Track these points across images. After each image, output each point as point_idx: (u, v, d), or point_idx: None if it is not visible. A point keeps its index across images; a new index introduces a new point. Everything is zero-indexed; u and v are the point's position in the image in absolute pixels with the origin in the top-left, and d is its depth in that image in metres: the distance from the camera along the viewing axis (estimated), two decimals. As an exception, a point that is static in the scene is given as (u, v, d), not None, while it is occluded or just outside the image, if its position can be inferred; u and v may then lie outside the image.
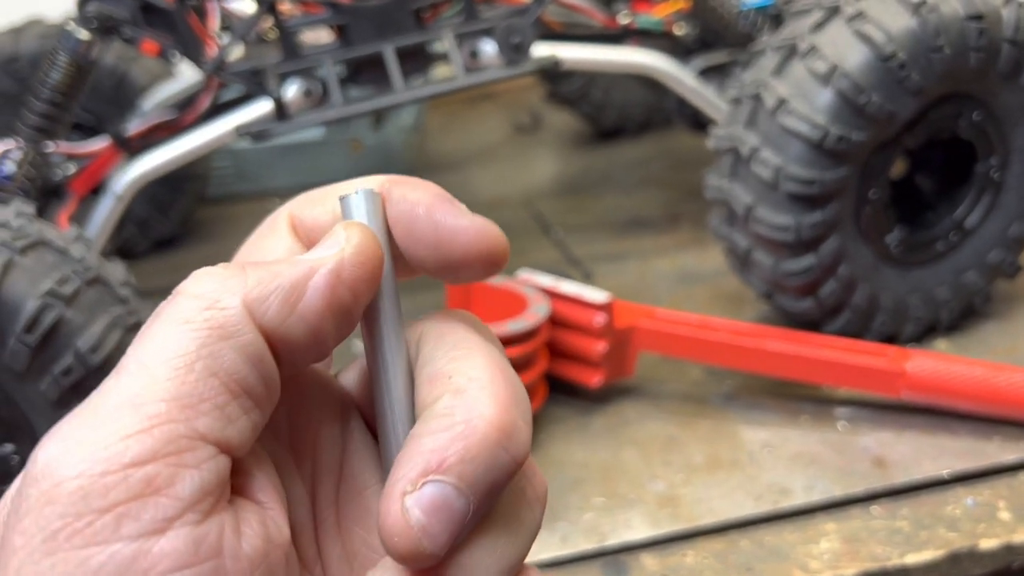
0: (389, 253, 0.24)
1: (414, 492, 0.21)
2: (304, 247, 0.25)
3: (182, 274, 0.25)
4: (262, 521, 0.22)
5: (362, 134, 1.09)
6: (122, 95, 0.93)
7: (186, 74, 0.95)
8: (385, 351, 0.24)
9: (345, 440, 0.26)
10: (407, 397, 0.24)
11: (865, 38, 0.60)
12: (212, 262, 0.27)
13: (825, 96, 0.61)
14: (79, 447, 0.20)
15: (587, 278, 0.86)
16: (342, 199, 0.24)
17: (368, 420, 0.27)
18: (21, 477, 0.21)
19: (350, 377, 0.28)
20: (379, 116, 1.11)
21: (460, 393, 0.22)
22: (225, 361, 0.21)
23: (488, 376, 0.23)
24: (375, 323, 0.24)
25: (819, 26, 0.62)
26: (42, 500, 0.20)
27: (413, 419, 0.23)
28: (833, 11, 0.62)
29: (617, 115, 1.10)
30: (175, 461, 0.20)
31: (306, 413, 0.26)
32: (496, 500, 0.22)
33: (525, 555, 0.24)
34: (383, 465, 0.25)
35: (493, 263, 0.25)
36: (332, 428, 0.26)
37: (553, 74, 1.07)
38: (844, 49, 0.61)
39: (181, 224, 1.02)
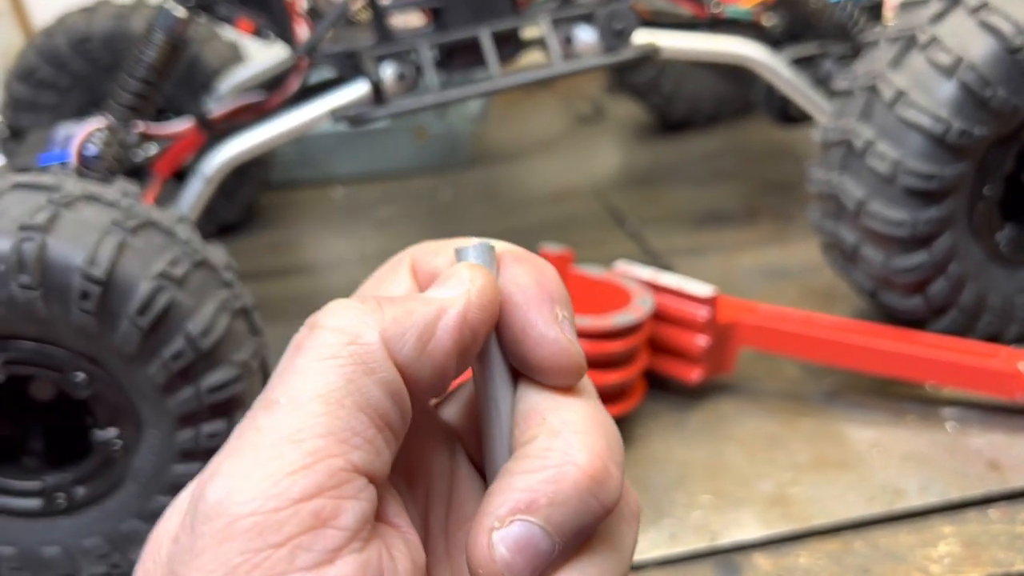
0: None
1: (502, 528, 0.22)
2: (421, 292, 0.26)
3: (246, 259, 0.25)
4: (406, 544, 0.23)
5: (427, 122, 1.07)
6: (193, 77, 0.92)
7: (258, 57, 0.94)
8: (495, 388, 0.25)
9: (453, 471, 0.27)
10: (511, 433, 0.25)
11: (992, 29, 0.58)
12: (278, 248, 0.27)
13: (948, 89, 0.59)
14: (248, 484, 0.21)
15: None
16: (458, 250, 0.25)
17: (470, 452, 0.28)
18: (189, 514, 0.21)
19: (452, 410, 0.28)
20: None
21: (555, 435, 0.23)
22: (371, 396, 0.22)
23: (582, 420, 0.24)
24: (486, 359, 0.25)
25: (939, 17, 0.61)
26: (219, 537, 0.20)
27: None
28: (954, 2, 0.61)
29: (687, 107, 1.08)
30: (337, 494, 0.21)
31: (419, 444, 0.26)
32: (585, 539, 0.23)
33: (627, 569, 0.24)
34: None
35: (561, 377, 0.25)
36: (441, 459, 0.27)
37: (627, 64, 1.05)
38: (968, 41, 0.59)
39: (245, 209, 1.01)
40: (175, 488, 0.56)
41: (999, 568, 0.53)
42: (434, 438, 0.27)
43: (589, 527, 0.23)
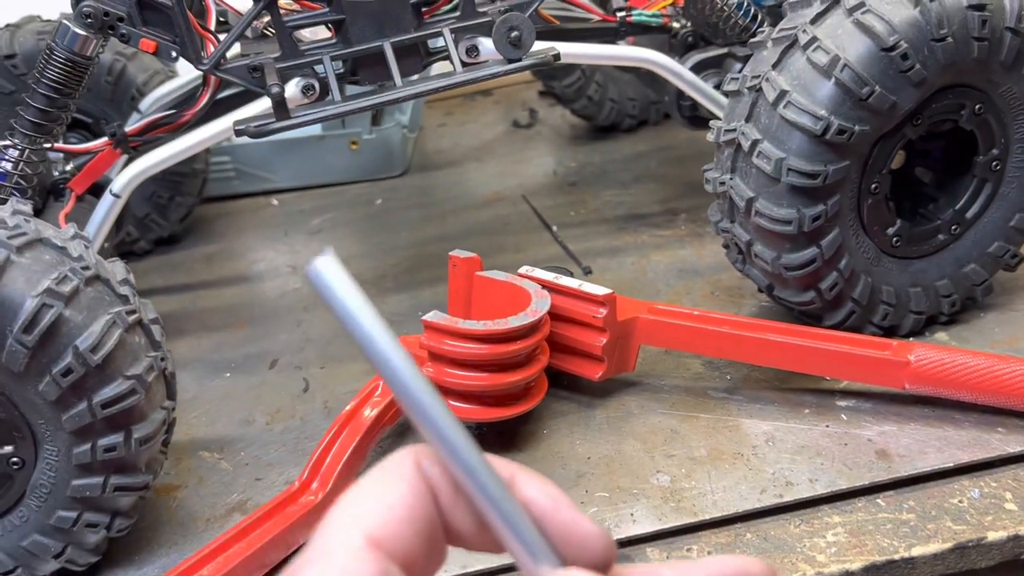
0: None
1: None
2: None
3: (182, 272, 0.26)
4: None
5: (360, 132, 1.08)
6: (120, 93, 0.93)
7: (186, 72, 0.94)
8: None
9: None
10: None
11: (866, 29, 0.60)
12: (212, 260, 0.28)
13: (827, 88, 0.60)
14: None
15: (586, 273, 0.86)
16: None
17: None
18: None
19: None
20: (377, 114, 1.11)
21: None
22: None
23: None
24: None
25: (819, 17, 0.62)
26: None
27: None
28: (834, 2, 0.62)
29: (613, 111, 1.10)
30: None
31: None
32: None
33: None
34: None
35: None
36: None
37: (550, 71, 1.07)
38: (845, 40, 0.60)
39: (180, 223, 1.02)
40: (75, 501, 0.56)
41: (883, 555, 0.55)
42: None
43: None
